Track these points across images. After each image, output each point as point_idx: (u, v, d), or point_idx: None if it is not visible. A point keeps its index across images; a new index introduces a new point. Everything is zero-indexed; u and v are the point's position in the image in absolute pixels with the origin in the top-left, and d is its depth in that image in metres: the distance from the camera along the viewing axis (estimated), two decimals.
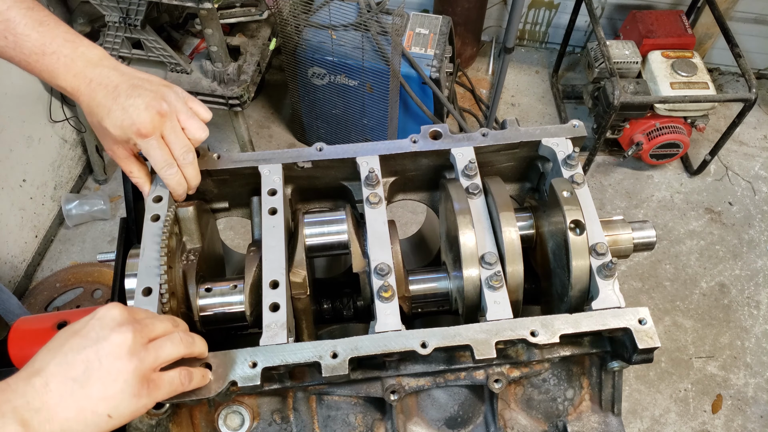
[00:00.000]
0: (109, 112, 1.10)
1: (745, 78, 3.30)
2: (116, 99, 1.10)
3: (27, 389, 0.81)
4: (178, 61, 3.11)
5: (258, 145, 3.95)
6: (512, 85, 4.45)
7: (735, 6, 4.00)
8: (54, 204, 3.56)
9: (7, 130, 3.09)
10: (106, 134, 1.14)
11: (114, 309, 0.91)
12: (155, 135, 1.12)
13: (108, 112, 1.10)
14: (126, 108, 1.10)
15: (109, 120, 1.10)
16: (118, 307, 0.92)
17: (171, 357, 0.94)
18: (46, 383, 0.82)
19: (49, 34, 1.12)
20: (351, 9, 3.21)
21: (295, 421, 1.17)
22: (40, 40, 1.11)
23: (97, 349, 0.86)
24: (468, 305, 1.14)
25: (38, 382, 0.82)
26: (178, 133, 1.15)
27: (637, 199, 3.88)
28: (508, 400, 1.22)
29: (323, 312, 1.39)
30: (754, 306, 3.46)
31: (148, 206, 1.18)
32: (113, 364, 0.86)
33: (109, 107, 1.10)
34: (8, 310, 2.16)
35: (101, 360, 0.85)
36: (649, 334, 1.06)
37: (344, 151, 1.29)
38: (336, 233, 1.26)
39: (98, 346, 0.86)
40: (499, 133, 1.32)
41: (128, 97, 1.10)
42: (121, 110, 1.10)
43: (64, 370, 0.84)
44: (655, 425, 3.07)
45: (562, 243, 1.15)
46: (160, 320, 0.97)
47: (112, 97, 1.10)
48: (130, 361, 0.87)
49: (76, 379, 0.83)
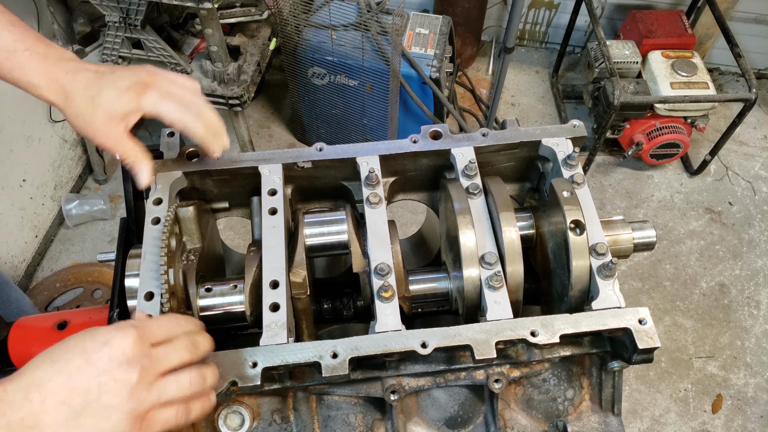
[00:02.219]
0: (101, 89, 1.09)
1: (745, 78, 3.30)
2: (102, 77, 1.10)
3: (24, 404, 0.80)
4: (178, 61, 3.11)
5: (258, 145, 3.95)
6: (512, 85, 4.45)
7: (735, 6, 4.00)
8: (54, 204, 3.56)
9: (7, 130, 3.09)
10: (97, 114, 1.09)
11: (126, 340, 0.86)
12: (155, 87, 1.11)
13: (99, 89, 1.09)
14: (116, 80, 1.09)
15: (104, 94, 1.08)
16: (132, 338, 0.87)
17: (177, 396, 0.91)
18: (43, 401, 0.81)
19: (21, 34, 1.11)
20: (351, 9, 3.21)
21: (295, 421, 1.17)
22: (12, 38, 1.10)
23: (100, 382, 0.83)
24: (468, 305, 1.14)
25: (36, 399, 0.80)
26: (176, 81, 1.13)
27: (637, 199, 3.88)
28: (508, 400, 1.22)
29: (323, 312, 1.39)
30: (754, 306, 3.46)
31: (148, 209, 1.18)
32: (111, 400, 0.83)
33: (99, 84, 1.09)
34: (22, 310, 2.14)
35: (100, 395, 0.83)
36: (649, 334, 1.06)
37: (344, 151, 1.29)
38: (336, 233, 1.26)
39: (101, 379, 0.84)
40: (499, 133, 1.32)
41: (113, 74, 1.10)
42: (112, 82, 1.09)
43: (64, 394, 0.82)
44: (655, 425, 3.07)
45: (562, 243, 1.15)
46: (176, 349, 0.92)
47: (96, 77, 1.10)
48: (128, 402, 0.84)
49: (73, 407, 0.82)
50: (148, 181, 1.17)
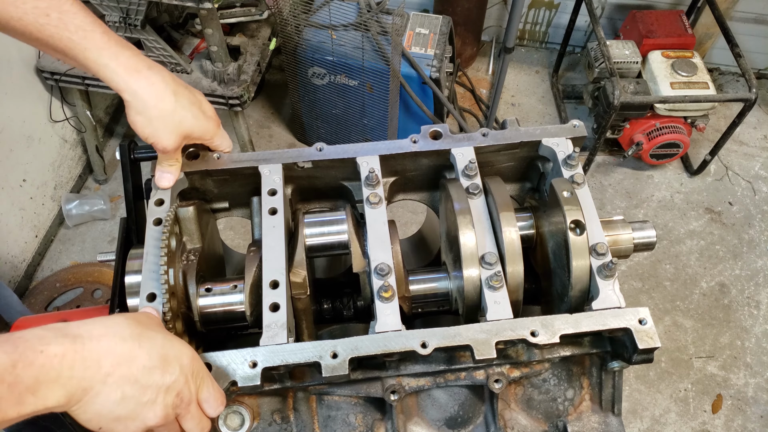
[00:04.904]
0: (190, 102, 1.15)
1: (745, 78, 3.30)
2: (187, 89, 1.16)
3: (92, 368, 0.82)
4: (178, 61, 3.11)
5: (258, 145, 3.95)
6: (512, 85, 4.45)
7: (735, 6, 4.00)
8: (54, 204, 3.56)
9: (7, 130, 3.09)
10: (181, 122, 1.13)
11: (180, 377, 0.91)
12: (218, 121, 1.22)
13: (188, 101, 1.14)
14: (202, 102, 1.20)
15: (193, 109, 1.15)
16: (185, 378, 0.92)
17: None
18: (109, 374, 0.84)
19: (94, 17, 1.10)
20: (351, 9, 3.21)
21: (295, 421, 1.17)
22: (89, 19, 1.08)
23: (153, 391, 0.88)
24: (468, 305, 1.14)
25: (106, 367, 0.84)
26: None
27: (637, 199, 3.88)
28: (509, 400, 1.22)
29: (323, 312, 1.39)
30: (754, 306, 3.46)
31: (150, 210, 1.18)
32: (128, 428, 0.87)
33: (186, 95, 1.15)
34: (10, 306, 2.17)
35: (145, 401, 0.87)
36: (650, 334, 1.06)
37: (344, 151, 1.29)
38: (336, 233, 1.26)
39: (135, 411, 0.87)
40: (500, 133, 1.32)
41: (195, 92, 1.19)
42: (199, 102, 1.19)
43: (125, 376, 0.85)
44: (655, 425, 3.07)
45: (562, 243, 1.15)
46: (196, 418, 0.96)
47: (183, 86, 1.15)
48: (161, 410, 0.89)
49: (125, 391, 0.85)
50: (169, 186, 1.21)
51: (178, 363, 0.91)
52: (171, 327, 1.06)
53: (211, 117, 1.20)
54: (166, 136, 1.13)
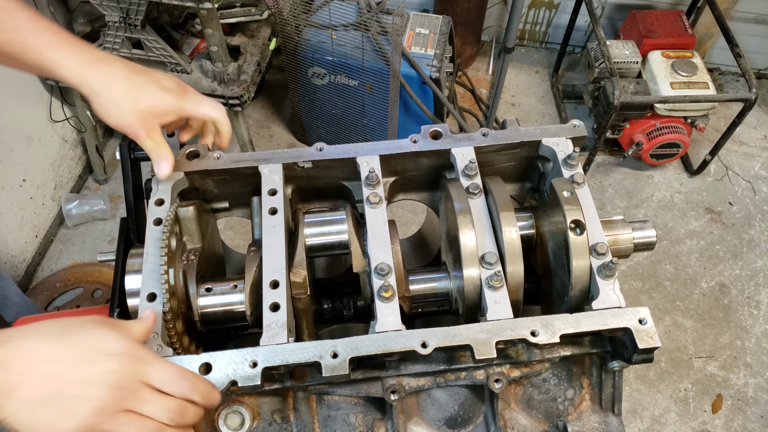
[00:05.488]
0: (144, 82, 1.13)
1: (745, 78, 3.30)
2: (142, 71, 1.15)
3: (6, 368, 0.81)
4: (178, 61, 3.11)
5: (258, 145, 3.95)
6: (512, 85, 4.45)
7: (735, 6, 4.00)
8: (54, 204, 3.56)
9: (7, 130, 3.09)
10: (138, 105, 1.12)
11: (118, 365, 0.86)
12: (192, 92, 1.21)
13: (142, 82, 1.12)
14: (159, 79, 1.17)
15: (148, 89, 1.13)
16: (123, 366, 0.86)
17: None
18: (25, 374, 0.81)
19: (46, 20, 1.11)
20: (351, 9, 3.21)
21: (295, 421, 1.17)
22: (43, 22, 1.10)
23: (77, 383, 0.83)
24: (468, 305, 1.14)
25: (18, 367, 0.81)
26: None
27: (637, 199, 3.88)
28: (509, 400, 1.22)
29: (323, 312, 1.39)
30: (754, 306, 3.46)
31: (150, 210, 1.18)
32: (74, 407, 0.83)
33: (140, 77, 1.13)
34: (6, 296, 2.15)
35: (70, 396, 0.83)
36: (650, 334, 1.06)
37: (344, 151, 1.29)
38: (336, 233, 1.26)
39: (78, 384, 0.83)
40: (500, 133, 1.32)
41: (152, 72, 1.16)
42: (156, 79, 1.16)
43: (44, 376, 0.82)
44: (655, 425, 3.07)
45: (562, 243, 1.15)
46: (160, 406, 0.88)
47: (137, 70, 1.14)
48: (88, 417, 0.83)
49: (45, 392, 0.82)
50: (168, 174, 1.19)
51: (107, 353, 0.86)
52: (171, 327, 1.06)
53: (172, 89, 1.17)
54: (127, 118, 1.12)
